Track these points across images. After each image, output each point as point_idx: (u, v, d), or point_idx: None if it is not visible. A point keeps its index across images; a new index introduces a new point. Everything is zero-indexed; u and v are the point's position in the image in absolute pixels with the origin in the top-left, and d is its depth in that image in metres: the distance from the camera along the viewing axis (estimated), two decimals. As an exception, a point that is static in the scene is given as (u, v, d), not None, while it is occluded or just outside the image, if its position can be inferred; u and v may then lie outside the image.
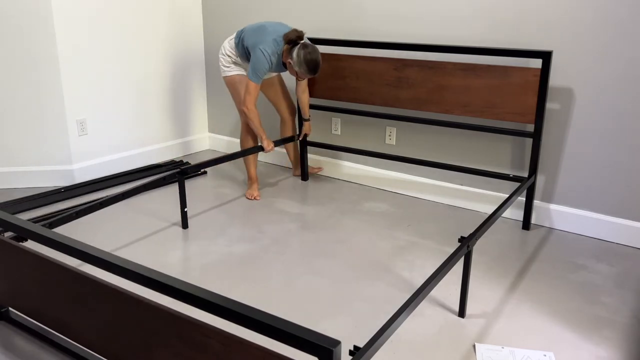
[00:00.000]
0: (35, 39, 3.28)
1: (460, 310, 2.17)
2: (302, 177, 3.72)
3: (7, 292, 2.02)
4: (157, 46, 3.91)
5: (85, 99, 3.54)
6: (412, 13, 3.18)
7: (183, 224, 2.94)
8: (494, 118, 2.90)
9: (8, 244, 1.90)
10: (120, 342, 1.68)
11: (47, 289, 1.83)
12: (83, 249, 1.61)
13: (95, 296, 1.68)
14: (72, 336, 1.83)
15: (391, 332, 1.55)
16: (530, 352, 1.94)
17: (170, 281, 1.44)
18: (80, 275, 1.69)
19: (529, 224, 2.98)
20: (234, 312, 1.31)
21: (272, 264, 2.55)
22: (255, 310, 1.31)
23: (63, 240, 1.66)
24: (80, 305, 1.74)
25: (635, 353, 1.95)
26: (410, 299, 1.68)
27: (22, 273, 1.90)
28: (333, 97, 3.44)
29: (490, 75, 2.87)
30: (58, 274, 1.76)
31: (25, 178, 3.48)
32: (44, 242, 1.71)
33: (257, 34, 3.02)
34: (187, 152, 4.32)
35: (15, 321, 2.06)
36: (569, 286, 2.40)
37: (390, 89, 3.20)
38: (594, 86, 2.74)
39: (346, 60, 3.32)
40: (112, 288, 1.62)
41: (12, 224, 1.80)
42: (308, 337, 1.20)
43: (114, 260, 1.55)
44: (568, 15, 2.73)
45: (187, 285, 1.42)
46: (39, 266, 1.82)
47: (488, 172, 3.02)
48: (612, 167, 2.78)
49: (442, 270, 1.85)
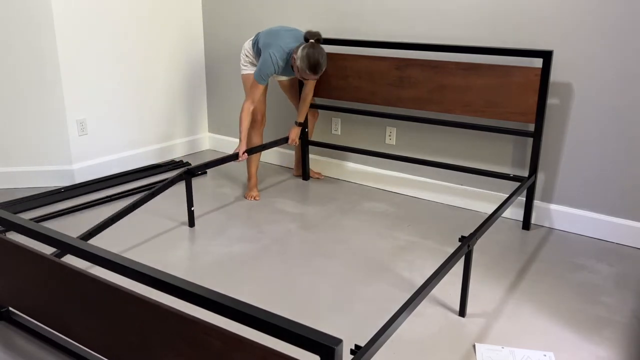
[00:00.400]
0: (36, 39, 3.28)
1: (461, 310, 2.17)
2: (303, 177, 3.72)
3: (7, 292, 2.01)
4: (157, 46, 3.90)
5: (85, 99, 3.54)
6: (414, 12, 3.18)
7: (190, 222, 2.96)
8: (494, 117, 2.90)
9: (9, 243, 1.89)
10: (121, 341, 1.67)
11: (48, 289, 1.83)
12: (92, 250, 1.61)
13: (96, 295, 1.68)
14: (72, 336, 1.83)
15: (392, 332, 1.55)
16: (530, 352, 1.94)
17: (172, 280, 1.44)
18: (81, 274, 1.69)
19: (529, 223, 2.98)
20: (236, 310, 1.31)
21: (272, 264, 2.55)
22: (258, 309, 1.30)
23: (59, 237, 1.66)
24: (80, 304, 1.74)
25: (635, 353, 1.95)
26: (411, 298, 1.68)
27: (23, 273, 1.90)
28: (335, 97, 3.45)
29: (491, 74, 2.87)
30: (57, 273, 1.76)
31: (25, 178, 3.48)
32: (46, 242, 1.71)
33: (271, 37, 3.06)
34: (187, 152, 4.32)
35: (16, 321, 2.06)
36: (569, 286, 2.40)
37: (392, 89, 3.20)
38: (595, 86, 2.74)
39: (348, 60, 3.33)
40: (112, 287, 1.62)
41: (16, 224, 1.80)
42: (310, 335, 1.20)
43: (118, 260, 1.55)
44: (569, 14, 2.73)
45: (191, 284, 1.42)
46: (39, 266, 1.82)
47: (488, 172, 3.02)
48: (612, 168, 2.78)
49: (442, 270, 1.85)
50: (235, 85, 4.15)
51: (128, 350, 1.67)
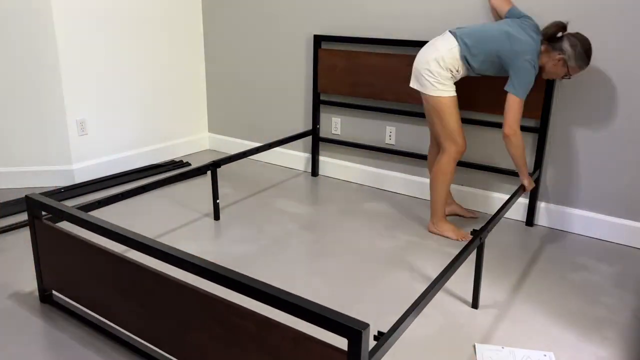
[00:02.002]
0: (36, 39, 3.28)
1: (474, 302, 2.22)
2: (313, 174, 3.72)
3: (52, 276, 2.12)
4: (157, 46, 3.90)
5: (85, 99, 3.54)
6: (423, 11, 3.19)
7: (215, 215, 3.03)
8: (499, 114, 2.92)
9: (54, 230, 2.01)
10: (159, 324, 1.75)
11: (90, 273, 1.94)
12: (127, 234, 1.75)
13: (135, 280, 1.77)
14: (112, 318, 1.93)
15: (410, 322, 1.59)
16: (530, 352, 1.94)
17: (210, 266, 1.54)
18: (122, 259, 1.79)
19: (532, 222, 3.00)
20: (269, 295, 1.40)
21: (272, 264, 2.55)
22: (290, 294, 1.39)
23: (110, 227, 1.80)
24: (120, 288, 1.84)
25: (635, 353, 1.95)
26: (428, 289, 1.72)
27: (66, 258, 2.01)
28: (347, 93, 3.47)
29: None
30: (100, 259, 1.87)
31: (25, 178, 3.48)
32: (92, 229, 1.85)
33: (508, 41, 2.51)
34: (187, 152, 4.32)
35: (59, 304, 2.16)
36: (569, 286, 2.40)
37: (403, 86, 3.23)
38: (596, 86, 2.74)
39: (361, 57, 3.36)
40: (151, 272, 1.71)
41: (61, 211, 1.94)
42: (339, 319, 1.28)
43: (157, 245, 1.67)
44: (576, 9, 2.72)
45: (227, 270, 1.52)
46: (82, 251, 1.93)
47: (493, 168, 3.04)
48: (613, 168, 2.78)
49: (456, 262, 1.90)
50: (236, 85, 4.15)
51: (165, 332, 1.74)
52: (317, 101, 3.65)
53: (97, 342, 1.95)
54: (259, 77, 3.99)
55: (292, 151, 3.95)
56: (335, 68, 3.47)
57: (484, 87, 2.96)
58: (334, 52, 3.46)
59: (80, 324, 2.06)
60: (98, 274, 1.90)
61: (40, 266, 2.15)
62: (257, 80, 4.01)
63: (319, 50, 3.52)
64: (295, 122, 3.89)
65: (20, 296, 2.24)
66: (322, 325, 1.32)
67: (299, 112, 3.85)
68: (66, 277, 2.05)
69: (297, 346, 1.40)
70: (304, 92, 3.78)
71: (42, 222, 2.07)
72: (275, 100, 3.95)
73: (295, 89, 3.82)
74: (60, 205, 1.97)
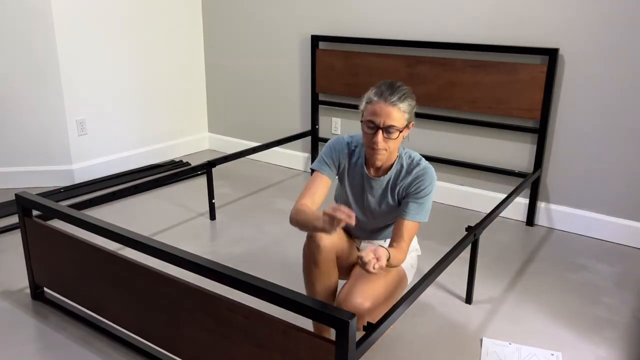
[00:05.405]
0: (36, 40, 3.28)
1: (467, 298, 2.22)
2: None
3: (42, 273, 2.15)
4: (157, 46, 3.90)
5: (85, 99, 3.54)
6: (424, 11, 3.19)
7: (210, 215, 3.03)
8: (501, 114, 2.93)
9: (46, 228, 2.02)
10: (150, 318, 1.78)
11: (81, 270, 1.96)
12: (114, 229, 1.78)
13: (126, 276, 1.80)
14: (103, 314, 1.96)
15: (399, 314, 1.62)
16: (537, 350, 1.93)
17: (200, 261, 1.58)
18: (112, 255, 1.81)
19: (532, 222, 3.01)
20: (259, 288, 1.44)
21: (272, 264, 2.55)
22: (280, 287, 1.43)
23: (97, 223, 1.84)
24: (111, 284, 1.86)
25: (635, 353, 1.95)
26: (418, 283, 1.73)
27: (57, 255, 2.03)
28: (346, 93, 3.48)
29: (498, 71, 2.89)
30: (90, 255, 1.89)
31: (25, 178, 3.48)
32: (81, 226, 1.88)
33: None
34: (187, 152, 4.31)
35: (51, 301, 2.17)
36: (569, 286, 2.40)
37: None
38: (597, 86, 2.74)
39: (360, 58, 3.36)
40: (142, 267, 1.73)
41: (50, 209, 1.96)
42: (327, 310, 1.34)
43: (145, 240, 1.71)
44: (575, 12, 2.72)
45: (218, 265, 1.55)
46: (72, 248, 1.95)
47: (492, 168, 3.05)
48: (613, 168, 2.78)
49: (449, 257, 1.91)
50: (235, 85, 4.15)
51: (157, 326, 1.77)
52: (316, 101, 3.65)
53: (89, 338, 1.97)
54: (259, 77, 3.99)
55: (292, 151, 3.95)
56: (334, 68, 3.47)
57: (484, 87, 2.96)
58: (331, 52, 3.46)
59: (71, 320, 2.08)
60: (89, 271, 1.92)
61: (32, 263, 2.17)
62: (256, 81, 4.01)
63: (317, 50, 3.52)
64: (295, 122, 3.88)
65: (12, 293, 2.25)
66: (311, 317, 1.36)
67: (298, 112, 3.85)
68: (57, 274, 2.07)
69: (287, 337, 1.44)
70: (304, 93, 3.78)
71: (32, 219, 2.09)
72: (275, 101, 3.95)
73: (295, 90, 3.82)
74: (49, 203, 1.98)
